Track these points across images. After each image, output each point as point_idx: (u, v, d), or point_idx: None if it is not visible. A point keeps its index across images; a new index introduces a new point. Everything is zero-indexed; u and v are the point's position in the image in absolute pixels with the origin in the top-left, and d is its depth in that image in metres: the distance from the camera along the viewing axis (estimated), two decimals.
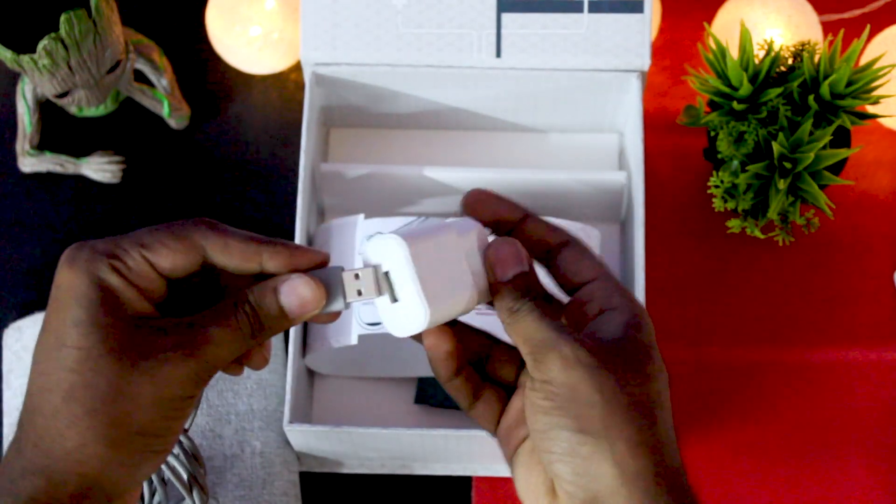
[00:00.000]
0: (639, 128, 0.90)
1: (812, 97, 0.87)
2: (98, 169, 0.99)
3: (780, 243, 0.90)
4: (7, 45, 0.89)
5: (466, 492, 0.93)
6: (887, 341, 0.96)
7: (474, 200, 0.60)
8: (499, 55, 0.90)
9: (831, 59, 0.87)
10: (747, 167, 0.86)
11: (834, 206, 0.87)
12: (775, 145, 0.85)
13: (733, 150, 0.88)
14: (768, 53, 0.88)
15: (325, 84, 0.92)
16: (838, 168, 0.92)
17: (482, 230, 0.60)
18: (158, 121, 1.01)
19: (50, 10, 0.92)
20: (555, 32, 0.90)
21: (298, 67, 1.01)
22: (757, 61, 0.88)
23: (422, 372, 0.93)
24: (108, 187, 1.00)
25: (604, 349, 0.55)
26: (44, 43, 0.88)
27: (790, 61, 0.89)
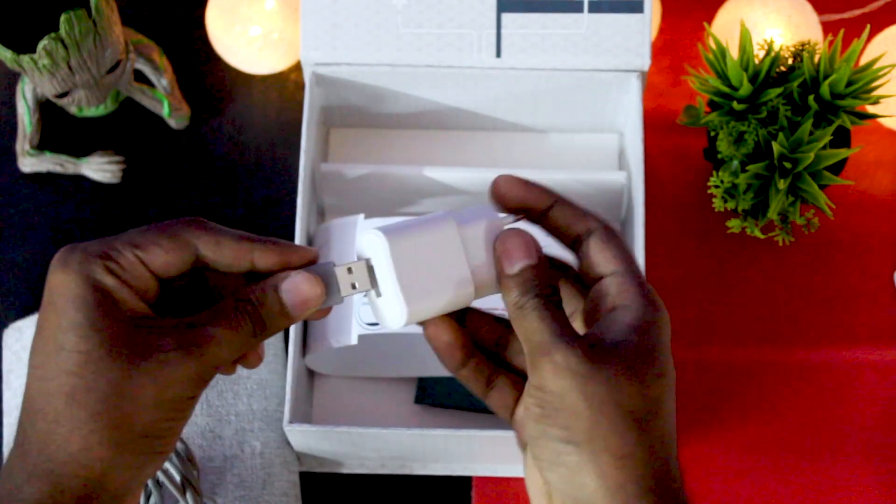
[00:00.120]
0: (639, 128, 0.90)
1: (812, 97, 0.87)
2: (98, 169, 0.99)
3: (780, 243, 0.90)
4: (7, 45, 0.89)
5: (466, 492, 0.93)
6: (887, 341, 0.96)
7: (501, 187, 0.59)
8: (499, 55, 0.90)
9: (831, 59, 0.87)
10: (747, 167, 0.86)
11: (834, 206, 0.87)
12: (775, 145, 0.85)
13: (733, 150, 0.88)
14: (768, 53, 0.88)
15: (325, 84, 0.92)
16: (838, 168, 0.92)
17: (496, 218, 0.58)
18: (158, 121, 1.01)
19: (50, 10, 0.92)
20: (555, 32, 0.90)
21: (298, 67, 1.01)
22: (757, 61, 0.88)
23: (422, 372, 0.93)
24: (108, 187, 1.00)
25: (599, 354, 0.54)
26: (44, 43, 0.88)
27: (790, 61, 0.89)
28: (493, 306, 0.61)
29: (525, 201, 0.59)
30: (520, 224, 0.59)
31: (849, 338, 0.96)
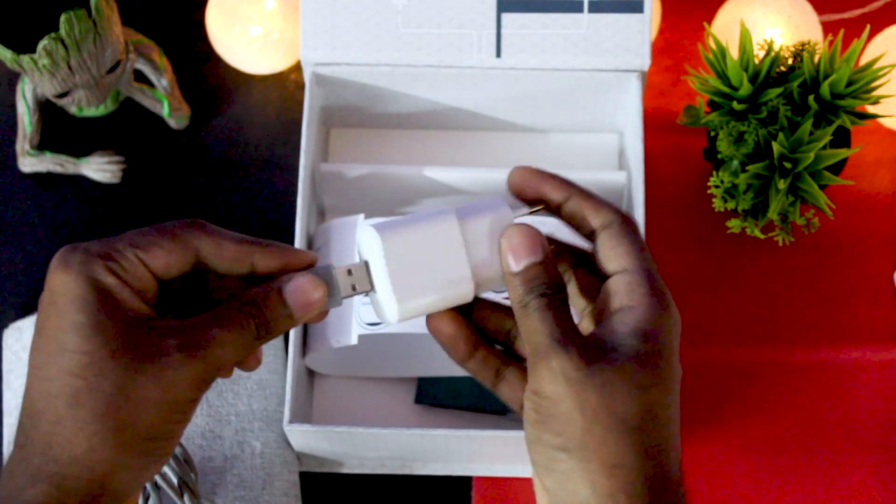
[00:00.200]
0: (639, 128, 0.90)
1: (812, 97, 0.87)
2: (98, 169, 0.99)
3: (780, 243, 0.90)
4: (7, 45, 0.89)
5: (466, 492, 0.93)
6: (887, 341, 0.96)
7: (517, 178, 0.58)
8: (499, 55, 0.90)
9: (831, 59, 0.87)
10: (747, 167, 0.86)
11: (834, 206, 0.87)
12: (775, 145, 0.85)
13: (733, 150, 0.88)
14: (768, 53, 0.88)
15: (325, 84, 0.92)
16: (838, 168, 0.92)
17: (505, 211, 0.57)
18: (158, 121, 1.01)
19: (50, 10, 0.92)
20: (555, 32, 0.90)
21: (298, 67, 1.01)
22: (757, 61, 0.88)
23: (422, 372, 0.93)
24: (108, 187, 1.00)
25: (596, 360, 0.54)
26: (44, 43, 0.88)
27: (790, 61, 0.89)
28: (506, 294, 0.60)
29: (541, 193, 0.58)
30: (533, 217, 0.58)
31: (849, 338, 0.96)
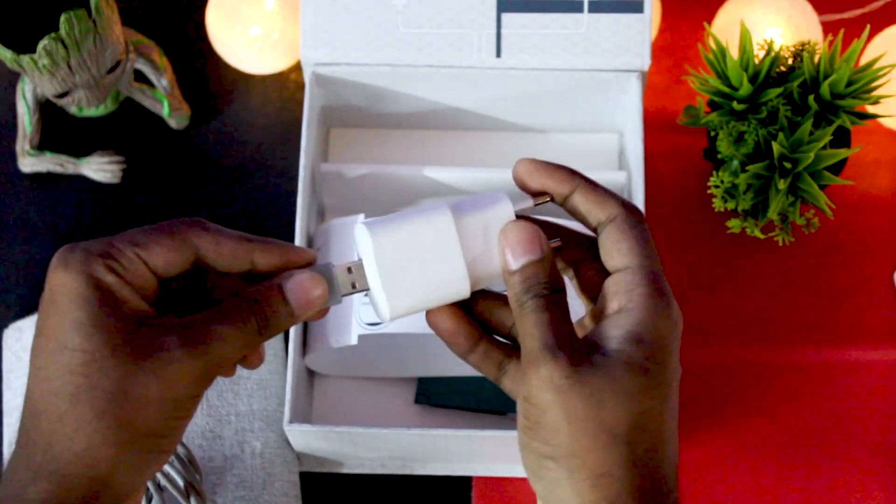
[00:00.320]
0: (639, 128, 0.90)
1: (812, 97, 0.87)
2: (98, 169, 0.99)
3: (780, 243, 0.90)
4: (7, 45, 0.89)
5: (466, 492, 0.93)
6: (887, 341, 0.96)
7: (521, 171, 0.57)
8: (499, 55, 0.90)
9: (831, 59, 0.87)
10: (747, 167, 0.86)
11: (834, 206, 0.87)
12: (775, 145, 0.85)
13: (733, 150, 0.88)
14: (768, 53, 0.88)
15: (325, 84, 0.92)
16: (838, 168, 0.92)
17: (506, 205, 0.57)
18: (158, 121, 1.01)
19: (50, 10, 0.92)
20: (555, 32, 0.90)
21: (298, 67, 1.01)
22: (757, 61, 0.88)
23: (422, 372, 0.93)
24: (108, 187, 1.00)
25: (586, 367, 0.53)
26: (44, 43, 0.88)
27: (790, 61, 0.89)
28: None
29: (545, 186, 0.57)
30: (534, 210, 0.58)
31: (849, 338, 0.96)
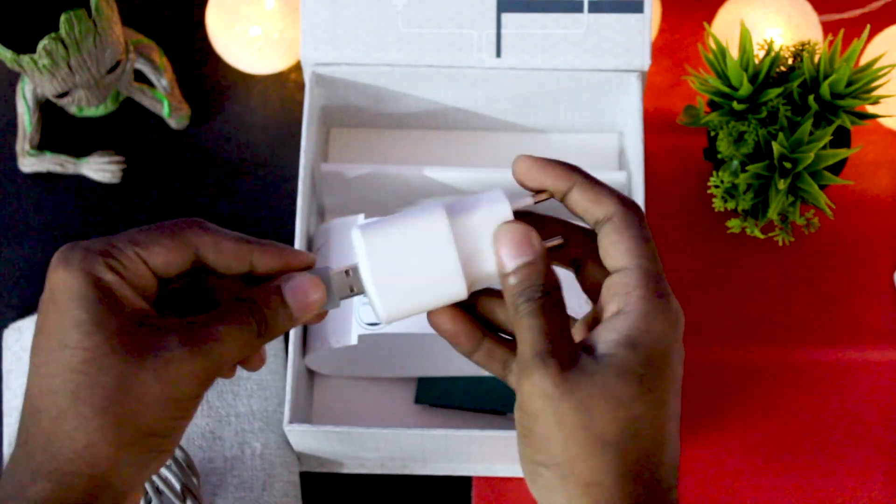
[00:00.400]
0: (639, 128, 0.90)
1: (812, 97, 0.87)
2: (98, 169, 0.99)
3: (780, 243, 0.90)
4: (7, 45, 0.89)
5: (466, 492, 0.93)
6: (887, 341, 0.96)
7: (519, 169, 0.57)
8: (499, 55, 0.90)
9: (831, 59, 0.87)
10: (747, 167, 0.86)
11: (834, 206, 0.87)
12: (775, 145, 0.85)
13: (733, 150, 0.88)
14: (768, 53, 0.88)
15: (325, 84, 0.92)
16: (838, 168, 0.92)
17: (503, 204, 0.56)
18: (158, 121, 1.01)
19: (50, 10, 0.92)
20: (555, 32, 0.90)
21: (298, 67, 1.01)
22: (757, 61, 0.88)
23: (422, 372, 0.93)
24: (108, 187, 1.00)
25: (577, 374, 0.53)
26: (44, 43, 0.88)
27: (790, 61, 0.89)
28: None
29: (543, 184, 0.57)
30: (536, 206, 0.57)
31: (849, 338, 0.96)
